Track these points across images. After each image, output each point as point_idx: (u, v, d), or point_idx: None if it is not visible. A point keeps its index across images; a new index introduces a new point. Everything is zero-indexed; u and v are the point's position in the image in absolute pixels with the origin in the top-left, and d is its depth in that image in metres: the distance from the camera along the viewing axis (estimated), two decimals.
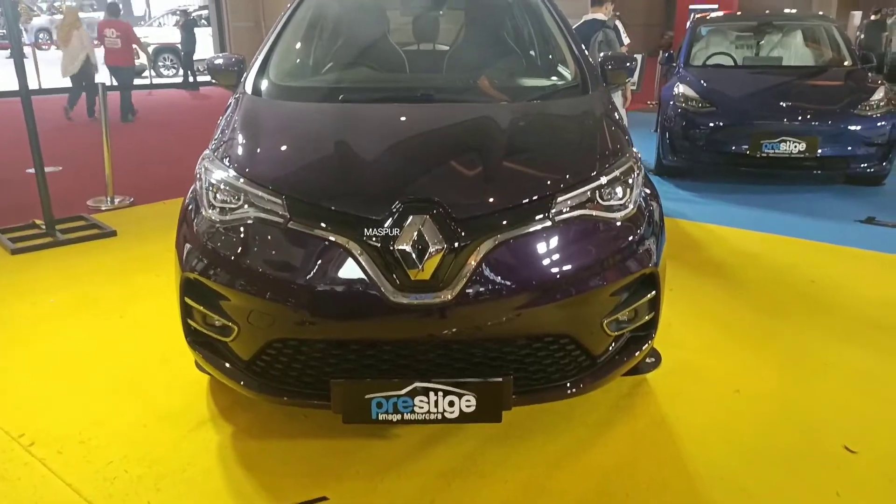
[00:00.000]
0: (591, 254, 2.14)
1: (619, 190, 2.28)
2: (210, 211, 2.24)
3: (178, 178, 2.49)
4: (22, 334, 3.17)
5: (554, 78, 3.16)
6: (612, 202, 2.25)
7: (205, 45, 15.57)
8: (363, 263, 1.99)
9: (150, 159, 7.52)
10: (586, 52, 3.17)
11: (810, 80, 6.48)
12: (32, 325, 3.27)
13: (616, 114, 2.81)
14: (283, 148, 2.44)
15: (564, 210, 2.15)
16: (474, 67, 3.18)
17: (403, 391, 2.05)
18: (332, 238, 2.03)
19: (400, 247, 1.98)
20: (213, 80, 3.09)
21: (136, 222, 5.04)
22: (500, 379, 2.05)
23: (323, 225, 2.06)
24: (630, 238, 2.23)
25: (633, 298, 2.25)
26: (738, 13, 10.42)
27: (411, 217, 2.02)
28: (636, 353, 2.32)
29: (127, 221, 5.04)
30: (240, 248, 2.13)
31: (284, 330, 2.09)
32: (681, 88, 6.28)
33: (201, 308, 2.20)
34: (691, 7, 15.12)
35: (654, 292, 2.29)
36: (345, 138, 2.38)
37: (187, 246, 2.26)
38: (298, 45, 3.36)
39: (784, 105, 5.92)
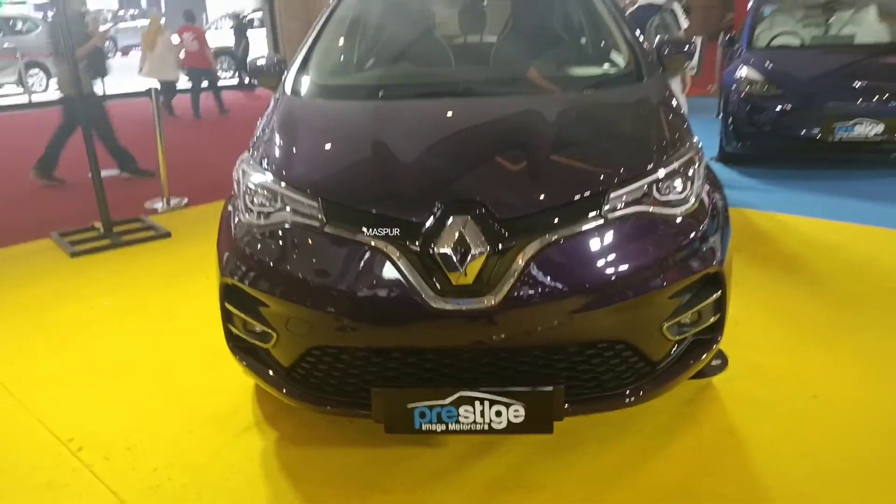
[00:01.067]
0: (648, 253, 1.98)
1: (678, 183, 2.10)
2: (247, 215, 2.19)
3: (232, 179, 2.47)
4: (75, 338, 3.22)
5: (606, 66, 2.98)
6: (671, 197, 2.08)
7: (260, 47, 15.84)
8: (402, 268, 1.89)
9: (206, 160, 7.65)
10: (641, 38, 2.98)
11: (887, 58, 6.02)
12: (85, 328, 3.32)
13: (674, 101, 2.62)
14: (321, 149, 2.36)
15: (618, 207, 1.99)
16: (521, 59, 3.03)
17: (448, 400, 1.94)
18: (369, 242, 1.94)
19: (440, 250, 1.87)
20: (256, 82, 3.05)
21: (190, 223, 5.11)
22: (551, 388, 1.92)
23: (360, 228, 1.97)
24: (692, 235, 2.06)
25: (697, 300, 2.08)
26: None
27: (452, 218, 1.91)
28: (700, 358, 2.15)
29: (181, 223, 5.11)
30: (277, 254, 2.06)
31: (323, 337, 2.01)
32: (744, 72, 5.95)
33: (241, 314, 2.15)
34: None
35: (719, 292, 2.12)
36: (384, 137, 2.28)
37: (226, 251, 2.22)
38: (340, 43, 3.29)
39: (858, 85, 5.53)
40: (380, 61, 3.26)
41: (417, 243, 1.90)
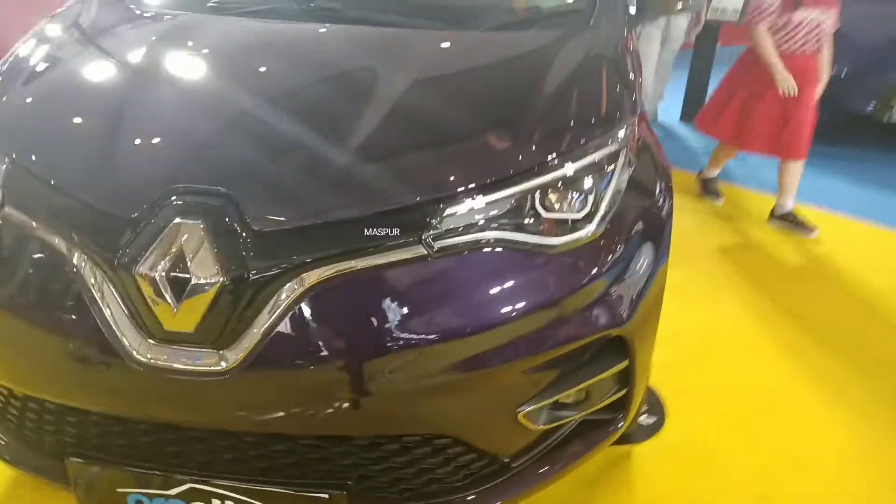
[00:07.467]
0: (500, 305, 1.23)
1: (575, 195, 1.33)
2: None
3: None
4: None
5: None
6: (559, 215, 1.31)
7: None
8: (93, 291, 1.19)
9: None
10: None
11: None
12: None
13: (629, 60, 1.76)
14: (53, 78, 1.59)
15: (456, 229, 1.23)
16: None
17: (174, 492, 1.30)
18: (52, 241, 1.23)
19: (142, 269, 1.15)
20: None
21: None
22: (327, 495, 1.25)
23: (44, 217, 1.25)
24: (581, 278, 1.30)
25: (587, 372, 1.37)
26: None
27: (175, 221, 1.18)
28: (592, 447, 1.47)
29: None
30: None
31: None
32: None
33: None
34: None
35: (624, 363, 1.39)
36: (144, 74, 1.51)
37: None
38: None
39: None
40: None
41: (118, 254, 1.18)
